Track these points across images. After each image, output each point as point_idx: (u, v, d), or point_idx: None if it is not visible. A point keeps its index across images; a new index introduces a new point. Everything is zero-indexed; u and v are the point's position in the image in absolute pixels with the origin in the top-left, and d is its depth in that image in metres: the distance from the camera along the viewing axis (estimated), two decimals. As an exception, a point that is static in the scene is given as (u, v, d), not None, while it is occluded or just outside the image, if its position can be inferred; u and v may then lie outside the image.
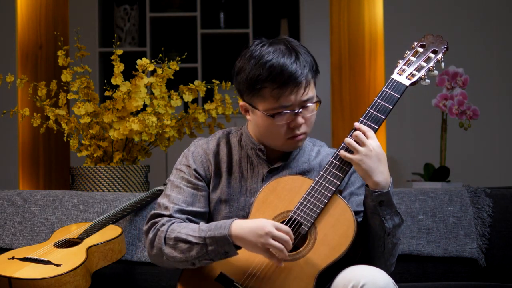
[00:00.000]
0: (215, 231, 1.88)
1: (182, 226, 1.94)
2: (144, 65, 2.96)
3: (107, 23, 5.27)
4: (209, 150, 2.07)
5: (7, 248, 2.53)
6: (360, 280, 1.78)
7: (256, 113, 1.98)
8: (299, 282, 1.85)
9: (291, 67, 1.91)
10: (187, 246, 1.90)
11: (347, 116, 5.17)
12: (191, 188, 2.03)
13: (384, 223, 1.90)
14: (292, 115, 1.94)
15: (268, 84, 1.91)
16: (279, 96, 1.91)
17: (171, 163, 4.94)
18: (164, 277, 2.51)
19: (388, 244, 1.93)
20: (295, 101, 1.92)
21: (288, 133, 1.96)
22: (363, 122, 1.93)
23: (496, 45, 4.72)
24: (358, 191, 2.05)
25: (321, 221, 1.89)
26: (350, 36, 5.17)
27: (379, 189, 1.88)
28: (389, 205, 1.90)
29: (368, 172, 1.87)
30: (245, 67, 1.96)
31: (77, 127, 3.03)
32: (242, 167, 2.06)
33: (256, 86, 1.92)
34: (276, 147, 2.02)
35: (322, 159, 2.08)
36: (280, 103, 1.92)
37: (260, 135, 2.02)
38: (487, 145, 4.68)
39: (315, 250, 1.87)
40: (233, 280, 1.90)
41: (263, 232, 1.83)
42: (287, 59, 1.92)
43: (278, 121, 1.94)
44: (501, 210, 2.60)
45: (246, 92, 1.97)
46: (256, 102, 1.96)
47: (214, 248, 1.88)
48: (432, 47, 1.97)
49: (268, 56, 1.92)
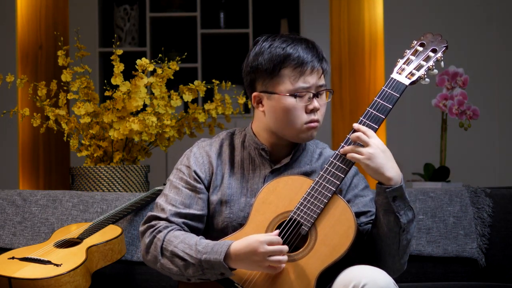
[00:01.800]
0: (211, 254, 1.87)
1: (179, 239, 1.93)
2: (144, 65, 2.96)
3: (107, 23, 5.27)
4: (211, 152, 2.07)
5: (7, 248, 2.53)
6: (361, 280, 1.78)
7: (273, 98, 1.98)
8: (300, 282, 1.85)
9: (311, 50, 1.99)
10: (184, 263, 1.90)
11: (347, 116, 5.17)
12: (189, 190, 2.03)
13: (399, 218, 1.88)
14: (310, 97, 1.97)
15: (290, 63, 1.95)
16: (300, 75, 1.95)
17: (171, 163, 4.94)
18: (164, 277, 2.50)
19: (403, 241, 1.92)
20: (313, 83, 1.97)
21: (305, 116, 1.98)
22: (362, 121, 1.93)
23: (496, 45, 4.72)
24: (362, 192, 2.05)
25: (322, 221, 1.89)
26: (350, 36, 5.17)
27: (392, 185, 1.87)
28: (402, 199, 1.88)
29: (378, 170, 1.86)
30: (263, 52, 1.99)
31: (77, 127, 3.03)
32: (243, 168, 2.06)
33: (276, 68, 1.96)
34: (292, 136, 2.01)
35: (324, 161, 2.08)
36: (300, 84, 1.96)
37: (276, 123, 2.01)
38: (487, 145, 4.68)
39: (315, 250, 1.87)
40: (234, 281, 1.90)
41: (257, 255, 1.83)
42: (304, 44, 2.00)
43: (299, 101, 1.96)
44: (501, 210, 2.60)
45: (263, 77, 1.99)
46: (274, 86, 1.98)
47: (209, 270, 1.88)
48: (432, 46, 1.96)
49: (287, 41, 1.99)
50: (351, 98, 5.17)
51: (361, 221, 2.00)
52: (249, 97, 2.06)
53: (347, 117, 5.17)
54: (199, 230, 2.03)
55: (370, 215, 2.01)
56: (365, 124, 1.92)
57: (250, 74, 2.02)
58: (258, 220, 1.93)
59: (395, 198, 1.87)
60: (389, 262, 1.95)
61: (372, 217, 2.00)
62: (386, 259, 1.94)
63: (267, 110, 2.01)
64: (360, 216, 2.01)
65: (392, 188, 1.86)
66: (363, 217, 2.01)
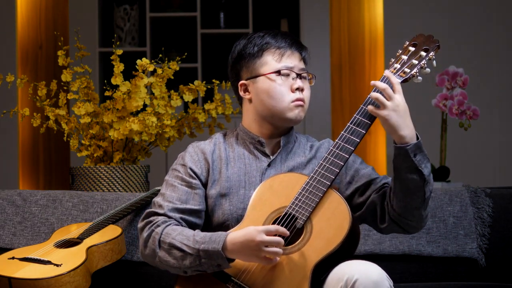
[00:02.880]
0: (209, 244, 1.89)
1: (177, 231, 1.95)
2: (144, 65, 2.96)
3: (107, 23, 5.27)
4: (205, 150, 2.12)
5: (7, 248, 2.53)
6: (354, 274, 1.79)
7: (259, 81, 2.08)
8: (295, 275, 1.86)
9: (290, 37, 2.11)
10: (181, 254, 1.92)
11: (347, 116, 5.17)
12: (185, 186, 2.06)
13: (422, 172, 1.91)
14: (294, 78, 2.06)
15: (273, 44, 2.08)
16: (282, 54, 2.07)
17: (171, 163, 4.91)
18: (164, 277, 2.50)
19: (427, 192, 1.94)
20: (295, 65, 2.07)
21: (292, 95, 2.05)
22: (356, 118, 1.95)
23: (496, 45, 4.72)
24: (362, 166, 2.09)
25: (317, 214, 1.91)
26: (350, 36, 5.17)
27: (409, 141, 1.89)
28: (422, 152, 1.92)
29: (395, 127, 1.89)
30: (248, 41, 2.11)
31: (77, 127, 3.03)
32: (240, 162, 2.10)
33: (259, 51, 2.08)
34: (280, 118, 2.07)
35: (317, 149, 2.14)
36: (283, 64, 2.06)
37: (263, 105, 2.08)
38: (487, 145, 4.67)
39: (310, 243, 1.89)
40: (230, 275, 1.91)
41: (254, 244, 1.85)
42: (283, 34, 2.12)
43: (284, 79, 2.05)
44: (501, 210, 2.60)
45: (247, 64, 2.09)
46: (258, 69, 2.08)
47: (207, 261, 1.90)
48: (424, 45, 2.00)
49: (267, 32, 2.12)
50: (351, 98, 5.17)
51: (372, 189, 2.04)
52: (236, 91, 2.15)
53: (347, 117, 5.16)
54: (197, 225, 2.05)
55: (378, 181, 2.05)
56: (358, 120, 1.94)
57: (235, 66, 2.13)
58: (254, 216, 1.96)
59: (416, 153, 1.90)
60: (416, 216, 1.97)
61: (382, 182, 2.04)
62: (412, 213, 1.96)
63: (253, 95, 2.09)
64: (370, 184, 2.04)
65: (412, 144, 1.89)
66: (373, 185, 2.04)
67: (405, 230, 2.01)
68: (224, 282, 1.91)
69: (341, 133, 1.96)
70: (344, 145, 1.94)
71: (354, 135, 1.94)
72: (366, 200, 2.03)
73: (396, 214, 1.97)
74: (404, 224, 1.98)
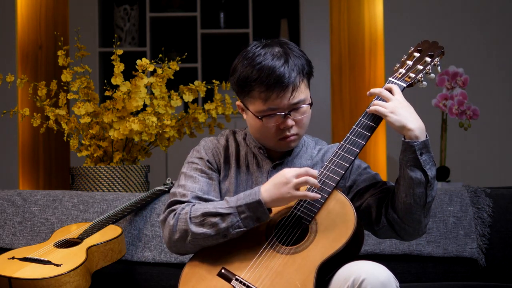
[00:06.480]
0: (245, 199, 1.91)
1: (205, 204, 1.97)
2: (144, 65, 2.96)
3: (107, 23, 5.27)
4: (219, 144, 2.13)
5: (7, 248, 2.53)
6: (361, 275, 1.79)
7: (248, 113, 2.05)
8: (300, 274, 1.87)
9: (279, 70, 1.95)
10: (218, 218, 1.92)
11: (347, 116, 5.17)
12: (206, 178, 2.07)
13: (427, 172, 1.92)
14: (282, 117, 1.99)
15: (257, 86, 1.96)
16: (266, 98, 1.96)
17: (171, 163, 4.95)
18: (164, 277, 2.51)
19: (428, 197, 1.95)
20: (283, 104, 1.97)
21: (278, 134, 2.01)
22: (361, 121, 1.97)
23: (496, 45, 4.72)
24: (366, 170, 2.09)
25: (322, 215, 1.92)
26: (350, 36, 5.17)
27: (414, 137, 1.91)
28: (428, 153, 1.93)
29: (402, 121, 1.91)
30: (238, 68, 2.02)
31: (77, 127, 3.03)
32: (248, 161, 2.11)
33: (246, 87, 1.99)
34: (270, 147, 2.07)
35: (324, 154, 2.13)
36: (268, 106, 1.97)
37: (254, 134, 2.08)
38: (487, 145, 4.67)
39: (315, 243, 1.89)
40: (235, 274, 1.91)
41: (285, 179, 1.88)
42: (277, 61, 1.96)
43: (266, 123, 1.99)
44: (501, 210, 2.60)
45: (239, 92, 2.04)
46: (247, 103, 2.02)
47: (247, 215, 1.91)
48: (428, 51, 2.03)
49: (259, 58, 1.97)
50: (351, 98, 5.17)
51: (371, 193, 2.04)
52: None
53: (347, 117, 5.17)
54: None
55: (379, 186, 2.05)
56: (362, 123, 1.96)
57: (231, 84, 2.08)
58: None
59: (422, 152, 1.91)
60: (414, 221, 1.97)
61: (382, 187, 2.04)
62: (412, 216, 1.96)
63: (247, 120, 2.08)
64: (370, 188, 2.05)
65: (419, 142, 1.91)
66: (373, 189, 2.04)
67: (399, 235, 2.01)
68: (229, 281, 1.91)
69: (346, 136, 1.97)
70: (350, 148, 1.96)
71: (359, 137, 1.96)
72: (363, 203, 2.03)
73: (396, 216, 1.97)
74: (400, 229, 1.99)
